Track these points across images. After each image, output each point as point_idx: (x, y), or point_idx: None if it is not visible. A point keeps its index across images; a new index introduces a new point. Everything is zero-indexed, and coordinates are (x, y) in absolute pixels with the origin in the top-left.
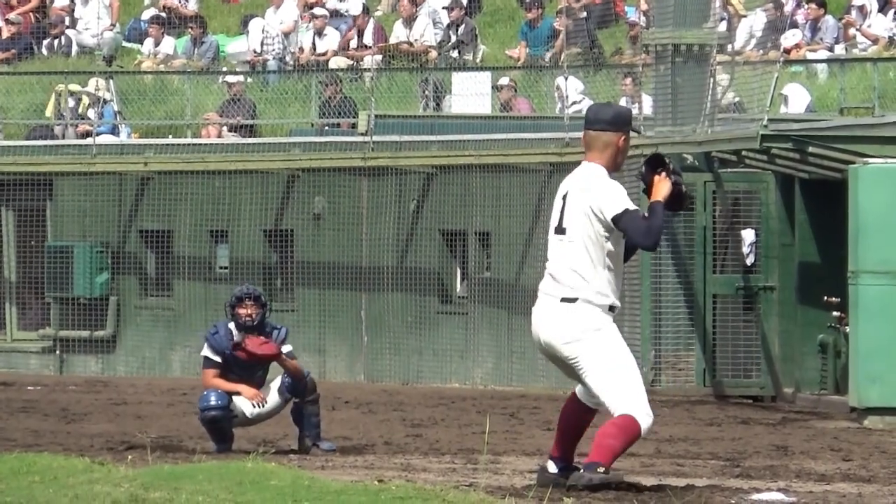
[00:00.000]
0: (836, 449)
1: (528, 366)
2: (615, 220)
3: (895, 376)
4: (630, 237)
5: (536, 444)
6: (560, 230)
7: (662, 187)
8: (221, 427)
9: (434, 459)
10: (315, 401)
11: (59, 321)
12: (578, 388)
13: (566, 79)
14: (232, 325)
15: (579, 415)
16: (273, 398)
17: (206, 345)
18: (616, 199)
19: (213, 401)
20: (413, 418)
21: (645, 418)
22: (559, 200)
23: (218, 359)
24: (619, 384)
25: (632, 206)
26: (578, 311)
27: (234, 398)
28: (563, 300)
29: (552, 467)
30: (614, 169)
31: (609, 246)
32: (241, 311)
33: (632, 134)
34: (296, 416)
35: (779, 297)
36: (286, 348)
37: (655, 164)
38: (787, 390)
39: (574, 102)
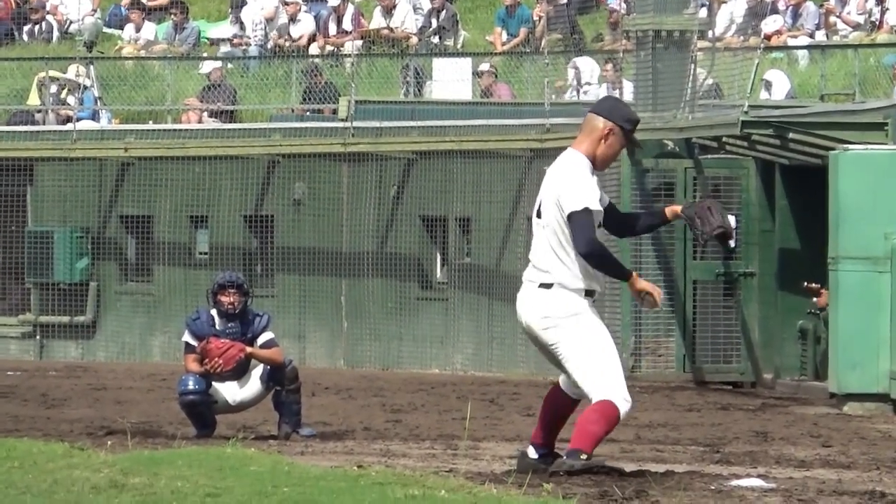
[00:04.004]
0: (815, 435)
1: (508, 352)
2: (570, 216)
3: (875, 362)
4: (572, 235)
5: (516, 429)
6: (539, 214)
7: (639, 285)
8: (200, 412)
9: (414, 445)
10: (296, 389)
11: (39, 306)
12: (562, 378)
13: (556, 64)
14: (214, 312)
15: (562, 404)
16: (255, 386)
17: (186, 330)
18: (578, 195)
19: (190, 385)
20: (393, 404)
21: (623, 403)
22: (543, 184)
23: (198, 344)
24: (596, 370)
25: (593, 206)
26: (555, 296)
27: (215, 384)
28: (541, 286)
29: (532, 453)
30: (596, 162)
31: None
32: (224, 299)
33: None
34: (276, 403)
35: (759, 283)
36: (267, 336)
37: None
38: (766, 376)
39: (587, 83)
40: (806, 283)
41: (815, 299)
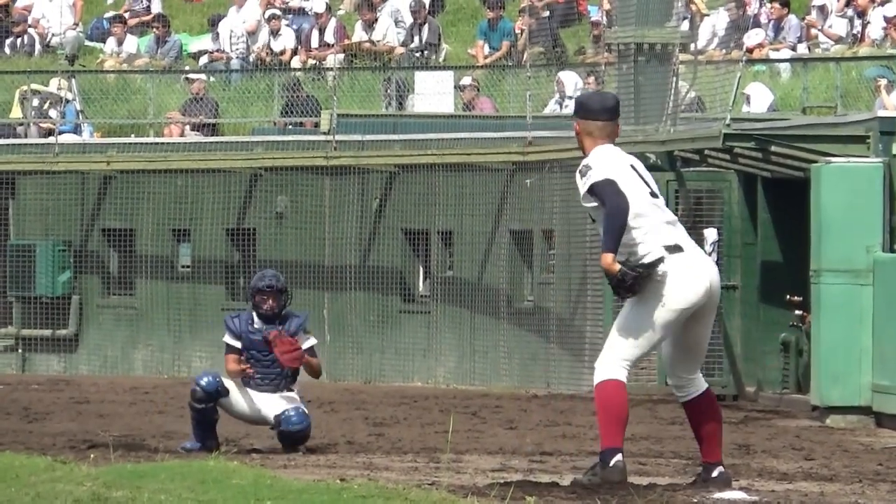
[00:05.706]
0: (798, 448)
1: (491, 365)
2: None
3: (857, 375)
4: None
5: (499, 442)
6: (654, 195)
7: None
8: (205, 414)
9: (396, 458)
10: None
11: (22, 320)
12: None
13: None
14: (254, 314)
15: (695, 412)
16: (273, 412)
17: (226, 331)
18: None
19: (203, 382)
20: (375, 417)
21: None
22: (629, 169)
23: (237, 343)
24: None
25: None
26: None
27: (249, 390)
28: None
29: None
30: None
31: None
32: (262, 303)
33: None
34: (281, 437)
35: (741, 296)
36: (310, 342)
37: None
38: (749, 389)
39: (569, 98)
40: (788, 297)
41: (801, 318)
